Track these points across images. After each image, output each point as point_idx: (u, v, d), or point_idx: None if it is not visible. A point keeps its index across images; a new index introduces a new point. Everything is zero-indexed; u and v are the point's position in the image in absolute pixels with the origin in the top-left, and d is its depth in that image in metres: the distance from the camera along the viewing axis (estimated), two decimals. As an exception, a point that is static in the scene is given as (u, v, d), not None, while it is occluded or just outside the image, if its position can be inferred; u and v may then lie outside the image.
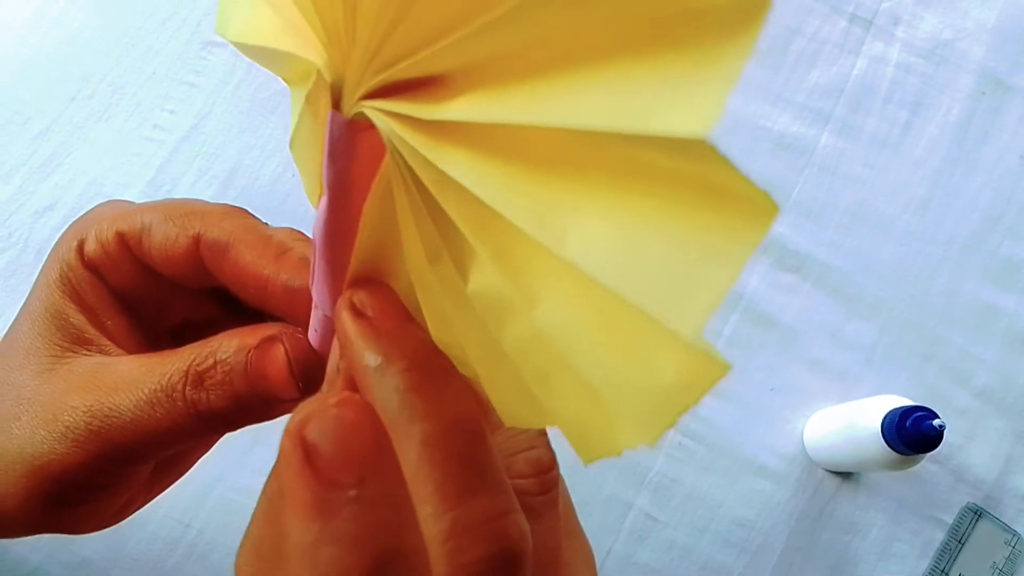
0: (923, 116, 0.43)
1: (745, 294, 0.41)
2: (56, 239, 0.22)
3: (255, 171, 0.41)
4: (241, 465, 0.37)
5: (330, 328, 0.18)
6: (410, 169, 0.12)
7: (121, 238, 0.21)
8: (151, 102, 0.42)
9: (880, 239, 0.41)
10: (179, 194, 0.40)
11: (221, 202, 0.41)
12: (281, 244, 0.20)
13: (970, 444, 0.40)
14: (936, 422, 0.31)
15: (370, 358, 0.14)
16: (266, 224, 0.21)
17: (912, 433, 0.31)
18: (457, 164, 0.12)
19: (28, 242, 0.40)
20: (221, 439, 0.25)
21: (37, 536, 0.20)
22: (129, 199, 0.41)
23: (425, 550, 0.13)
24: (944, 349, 0.41)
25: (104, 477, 0.20)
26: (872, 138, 0.42)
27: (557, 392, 0.13)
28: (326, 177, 0.14)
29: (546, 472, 0.17)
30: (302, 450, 0.13)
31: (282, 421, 0.23)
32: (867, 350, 0.40)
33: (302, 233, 0.21)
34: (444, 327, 0.15)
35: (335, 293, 0.16)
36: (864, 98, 0.43)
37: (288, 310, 0.20)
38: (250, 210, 0.24)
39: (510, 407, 0.14)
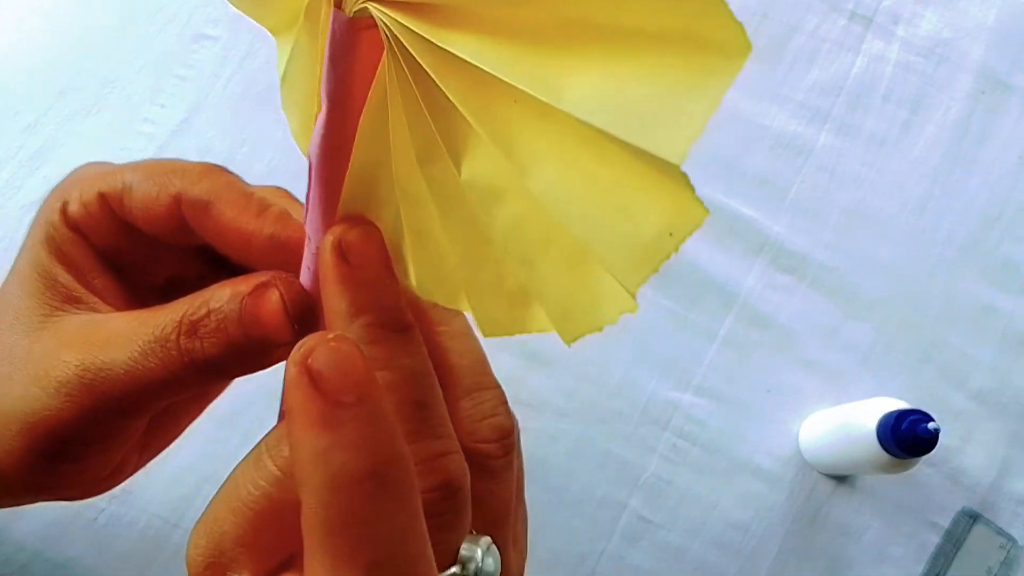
0: (922, 115, 0.43)
1: (741, 294, 0.40)
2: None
3: (247, 165, 0.41)
4: (228, 465, 0.37)
5: None
6: (410, 56, 0.13)
7: (103, 198, 0.21)
8: (141, 95, 0.42)
9: (878, 239, 0.41)
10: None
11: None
12: (262, 200, 0.21)
13: (966, 447, 0.40)
14: (931, 425, 0.31)
15: (342, 305, 0.17)
16: (246, 183, 0.22)
17: (907, 436, 0.31)
18: (458, 42, 0.13)
19: (16, 236, 0.40)
20: (210, 429, 0.25)
21: (23, 535, 0.20)
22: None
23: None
24: (941, 350, 0.40)
25: (99, 430, 0.20)
26: (871, 137, 0.42)
27: (542, 273, 0.15)
28: (325, 86, 0.15)
29: (507, 437, 0.20)
30: (308, 375, 0.15)
31: (267, 424, 0.23)
32: (864, 351, 0.40)
33: (286, 191, 0.22)
34: (424, 245, 0.16)
35: (329, 220, 0.17)
36: (863, 97, 0.43)
37: (272, 265, 0.20)
38: None
39: (490, 314, 0.16)
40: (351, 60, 0.14)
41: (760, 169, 0.42)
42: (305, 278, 0.19)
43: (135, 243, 0.22)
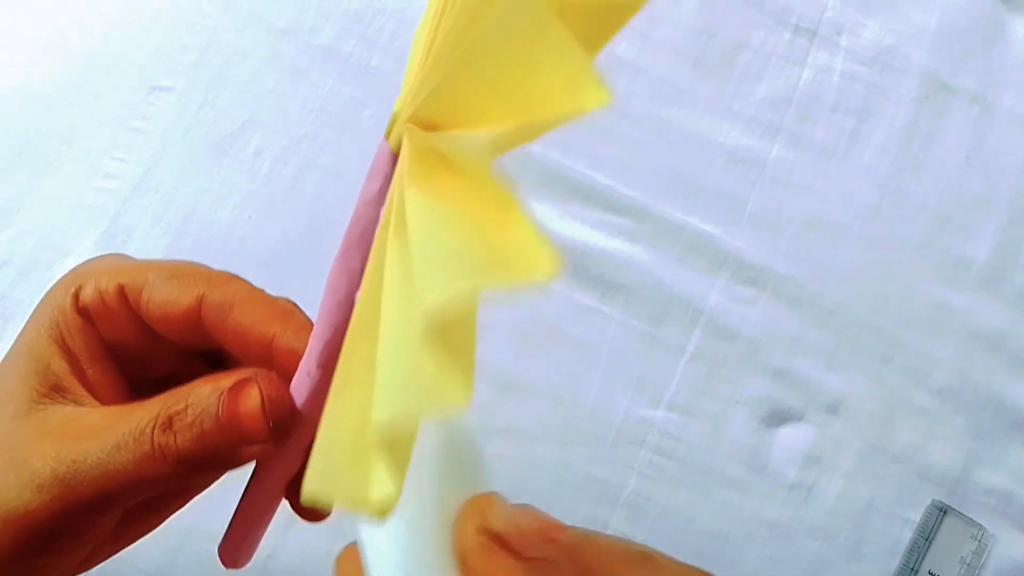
0: (870, 123, 0.45)
1: (706, 309, 0.43)
2: (17, 296, 0.23)
3: (210, 216, 0.43)
4: (214, 515, 0.39)
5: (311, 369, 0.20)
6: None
7: (122, 290, 0.22)
8: (100, 151, 0.43)
9: (834, 247, 0.44)
10: (134, 244, 0.42)
11: (178, 249, 0.43)
12: (286, 305, 0.22)
13: (931, 443, 0.42)
14: None
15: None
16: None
17: None
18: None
19: (-17, 301, 0.41)
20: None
21: None
22: (83, 251, 0.42)
23: None
24: (901, 350, 0.43)
25: (69, 523, 0.21)
26: (821, 147, 0.45)
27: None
28: (356, 203, 0.16)
29: None
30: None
31: (250, 467, 0.25)
32: (827, 356, 0.43)
33: (294, 303, 0.23)
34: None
35: (325, 341, 0.18)
36: (812, 108, 0.45)
37: (290, 370, 0.21)
38: (207, 256, 0.25)
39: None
40: (380, 182, 0.16)
41: (716, 185, 0.44)
42: (295, 383, 0.20)
43: (142, 339, 0.23)
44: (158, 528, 0.30)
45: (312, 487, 0.14)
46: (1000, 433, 0.43)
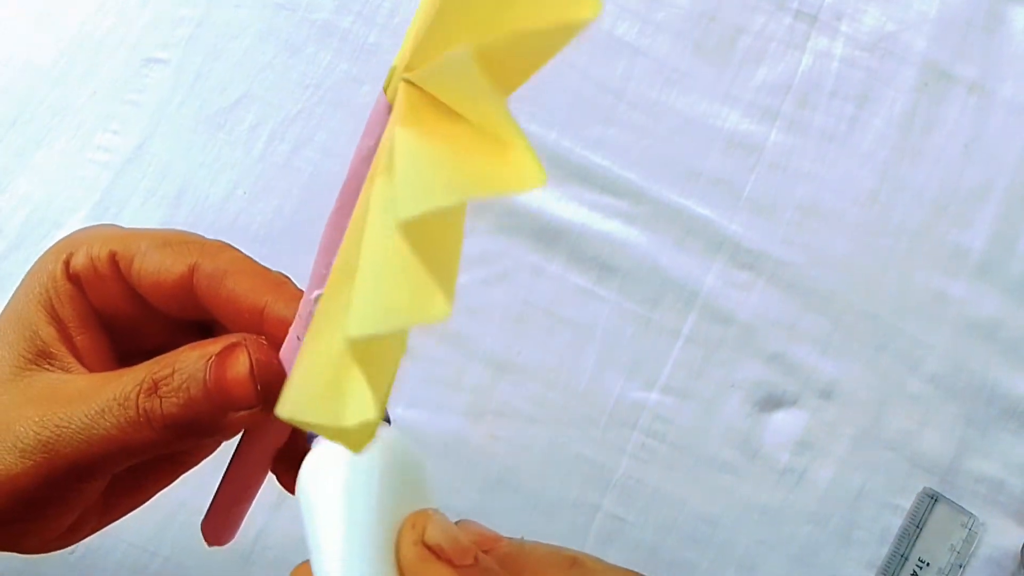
0: (869, 109, 0.46)
1: (702, 293, 0.43)
2: (7, 268, 0.23)
3: (204, 190, 0.43)
4: (204, 490, 0.39)
5: (302, 332, 0.20)
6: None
7: (113, 257, 0.22)
8: (93, 123, 0.44)
9: (831, 233, 0.45)
10: (127, 217, 0.42)
11: (171, 223, 0.43)
12: (278, 277, 0.22)
13: (924, 430, 0.43)
14: None
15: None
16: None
17: None
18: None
19: (-27, 272, 0.41)
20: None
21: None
22: (75, 223, 0.42)
23: None
24: (896, 338, 0.44)
25: (53, 490, 0.21)
26: (820, 133, 0.45)
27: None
28: (352, 160, 0.16)
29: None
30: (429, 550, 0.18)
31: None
32: (822, 342, 0.43)
33: (288, 277, 0.23)
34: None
35: (315, 286, 0.18)
36: (811, 94, 0.46)
37: (280, 339, 0.21)
38: (200, 230, 0.26)
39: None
40: (375, 138, 0.16)
41: (715, 170, 0.45)
42: (284, 349, 0.20)
43: (133, 307, 0.23)
44: (148, 502, 0.30)
45: (288, 408, 0.14)
46: (992, 421, 0.43)
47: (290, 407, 0.14)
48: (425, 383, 0.42)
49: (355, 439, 0.14)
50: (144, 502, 0.26)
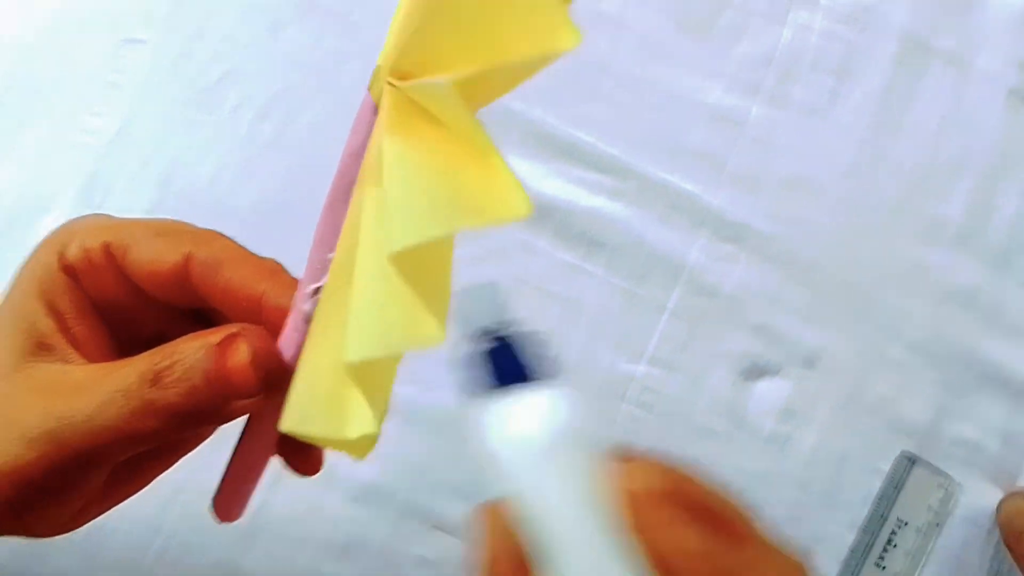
0: (848, 83, 0.46)
1: (687, 267, 0.44)
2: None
3: (190, 172, 0.43)
4: (203, 471, 0.39)
5: (299, 325, 0.20)
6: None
7: (107, 248, 0.22)
8: (74, 105, 0.43)
9: (813, 206, 0.45)
10: (114, 200, 0.42)
11: (158, 206, 0.43)
12: (273, 264, 0.22)
13: (903, 395, 0.44)
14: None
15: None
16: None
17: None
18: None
19: (-42, 258, 0.41)
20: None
21: (1, 555, 0.22)
22: (62, 208, 0.42)
23: None
24: (877, 307, 0.45)
25: (59, 480, 0.21)
26: (800, 107, 0.46)
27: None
28: (342, 154, 0.17)
29: None
30: None
31: (237, 424, 0.25)
32: (804, 312, 0.45)
33: (279, 264, 0.23)
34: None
35: (311, 279, 0.19)
36: (792, 67, 0.46)
37: (277, 327, 0.22)
38: (187, 212, 0.26)
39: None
40: (366, 135, 0.17)
41: (697, 144, 0.45)
42: (283, 338, 0.21)
43: (128, 297, 0.23)
44: (148, 485, 0.30)
45: (290, 423, 0.14)
46: (970, 386, 0.45)
47: (294, 421, 0.15)
48: (421, 359, 0.42)
49: (358, 449, 0.15)
50: (145, 486, 0.27)
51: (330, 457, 0.27)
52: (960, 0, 0.48)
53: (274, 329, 0.22)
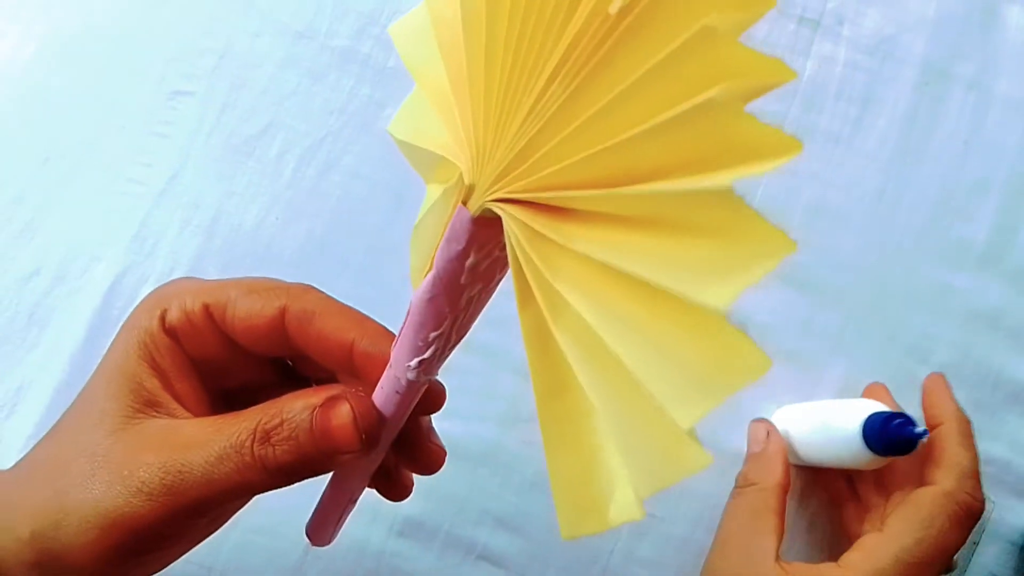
0: (872, 111, 0.48)
1: (719, 296, 0.46)
2: (50, 303, 0.25)
3: (237, 218, 0.44)
4: (255, 508, 0.41)
5: (399, 388, 0.22)
6: (527, 254, 0.17)
7: (207, 309, 0.25)
8: (124, 156, 0.45)
9: (840, 232, 0.47)
10: (165, 247, 0.44)
11: (207, 251, 0.45)
12: (359, 314, 0.25)
13: (934, 417, 0.45)
14: (917, 430, 0.36)
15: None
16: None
17: (894, 438, 0.36)
18: (580, 237, 0.17)
19: (19, 308, 0.43)
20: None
21: None
22: (114, 256, 0.44)
23: None
24: (905, 330, 0.46)
25: (175, 528, 0.23)
26: (826, 135, 0.47)
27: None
28: (439, 256, 0.19)
29: None
30: None
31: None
32: (834, 338, 0.46)
33: (313, 288, 0.26)
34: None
35: (409, 356, 0.21)
36: (816, 97, 0.48)
37: (366, 372, 0.24)
38: (236, 256, 0.27)
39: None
40: (462, 244, 0.18)
41: (727, 176, 0.47)
42: (378, 396, 0.23)
43: (225, 352, 0.25)
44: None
45: (568, 531, 0.18)
46: (998, 405, 0.46)
47: (571, 529, 0.18)
48: (459, 394, 0.44)
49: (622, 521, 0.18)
50: (221, 527, 0.29)
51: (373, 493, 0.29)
52: (978, 26, 0.49)
53: (364, 373, 0.24)
